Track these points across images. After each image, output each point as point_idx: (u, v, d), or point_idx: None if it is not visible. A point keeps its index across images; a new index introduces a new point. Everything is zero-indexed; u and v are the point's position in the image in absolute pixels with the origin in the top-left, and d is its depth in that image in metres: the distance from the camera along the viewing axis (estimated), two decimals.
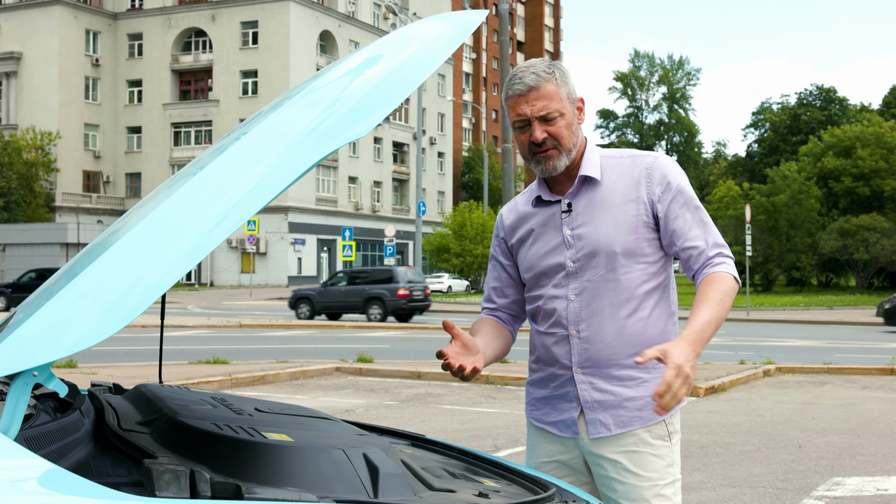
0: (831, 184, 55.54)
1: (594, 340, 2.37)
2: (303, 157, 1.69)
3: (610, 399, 2.38)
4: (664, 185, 2.38)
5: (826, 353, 17.54)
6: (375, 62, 1.94)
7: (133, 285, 1.54)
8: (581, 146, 2.44)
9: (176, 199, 1.72)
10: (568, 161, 2.39)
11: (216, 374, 12.05)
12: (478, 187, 77.83)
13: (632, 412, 2.37)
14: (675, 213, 2.36)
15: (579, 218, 2.40)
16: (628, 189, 2.39)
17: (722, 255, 2.34)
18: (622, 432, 2.38)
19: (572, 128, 2.38)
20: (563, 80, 2.38)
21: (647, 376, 2.38)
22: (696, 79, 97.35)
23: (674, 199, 2.37)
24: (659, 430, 2.39)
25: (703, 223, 2.37)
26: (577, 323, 2.39)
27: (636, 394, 2.37)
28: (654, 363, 2.36)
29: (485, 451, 2.59)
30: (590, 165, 2.42)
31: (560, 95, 2.36)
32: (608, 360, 2.37)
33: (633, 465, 2.37)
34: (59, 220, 56.96)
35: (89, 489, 1.41)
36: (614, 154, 2.46)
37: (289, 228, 58.93)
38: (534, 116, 2.35)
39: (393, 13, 58.70)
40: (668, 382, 2.02)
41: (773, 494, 6.24)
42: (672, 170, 2.41)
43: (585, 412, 2.40)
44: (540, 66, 2.38)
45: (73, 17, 61.71)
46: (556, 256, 2.42)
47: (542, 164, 2.39)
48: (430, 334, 23.18)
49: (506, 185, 24.17)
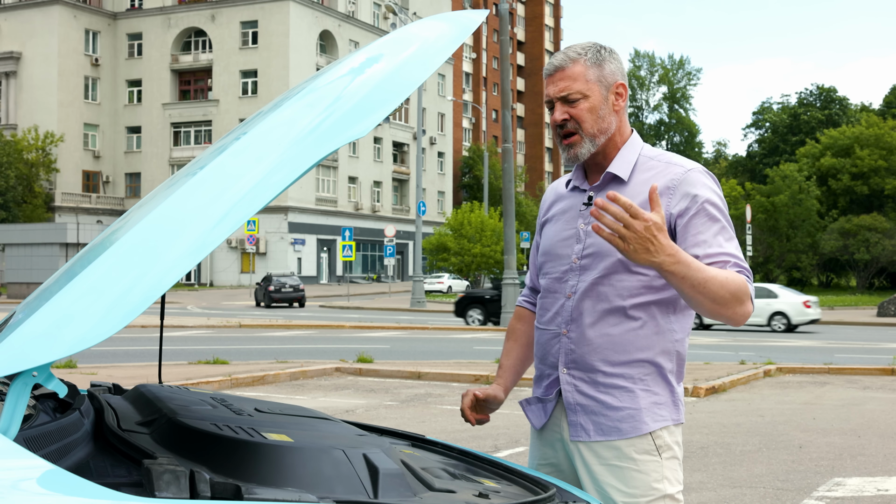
0: (830, 182, 55.58)
1: (581, 343, 2.32)
2: (304, 156, 1.68)
3: (592, 405, 2.31)
4: (689, 199, 2.25)
5: (826, 353, 17.54)
6: (376, 61, 1.94)
7: (133, 285, 1.54)
8: (621, 137, 2.35)
9: (177, 198, 1.72)
10: (593, 148, 2.32)
11: (216, 375, 12.05)
12: (478, 187, 77.82)
13: (612, 421, 2.29)
14: (696, 228, 2.23)
15: None
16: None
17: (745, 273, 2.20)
18: (602, 440, 2.30)
19: (598, 112, 2.30)
20: (595, 62, 2.30)
21: (632, 387, 2.30)
22: (697, 79, 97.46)
23: (697, 213, 2.24)
24: (644, 445, 2.29)
25: (726, 241, 2.23)
26: (568, 322, 2.35)
27: (618, 404, 2.29)
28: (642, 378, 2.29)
29: (485, 452, 2.59)
30: (621, 163, 2.33)
31: (587, 77, 2.29)
32: (593, 366, 2.31)
33: (614, 480, 2.30)
34: (58, 220, 56.94)
35: (89, 489, 1.41)
36: (655, 155, 2.36)
37: (289, 228, 58.93)
38: (555, 97, 2.31)
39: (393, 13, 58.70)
40: (620, 215, 2.00)
41: (774, 495, 6.23)
42: (702, 184, 2.27)
43: (568, 414, 2.35)
44: (577, 47, 2.33)
45: (72, 16, 61.71)
46: (566, 248, 2.38)
47: (566, 151, 2.34)
48: (430, 334, 23.18)
49: (506, 185, 24.15)
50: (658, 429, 2.29)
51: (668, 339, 2.33)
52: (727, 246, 2.22)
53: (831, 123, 64.55)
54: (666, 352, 2.33)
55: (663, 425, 2.30)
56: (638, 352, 2.29)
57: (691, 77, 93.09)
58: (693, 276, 2.07)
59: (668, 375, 2.33)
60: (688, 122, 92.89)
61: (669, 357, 2.33)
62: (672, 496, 2.31)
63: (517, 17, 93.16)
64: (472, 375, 12.58)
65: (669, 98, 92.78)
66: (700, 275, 2.07)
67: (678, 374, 2.36)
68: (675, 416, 2.33)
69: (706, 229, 2.22)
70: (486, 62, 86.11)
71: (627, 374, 2.29)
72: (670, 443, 2.32)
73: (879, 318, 30.60)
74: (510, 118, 25.99)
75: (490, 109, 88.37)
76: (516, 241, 32.76)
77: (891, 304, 30.87)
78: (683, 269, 2.05)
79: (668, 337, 2.33)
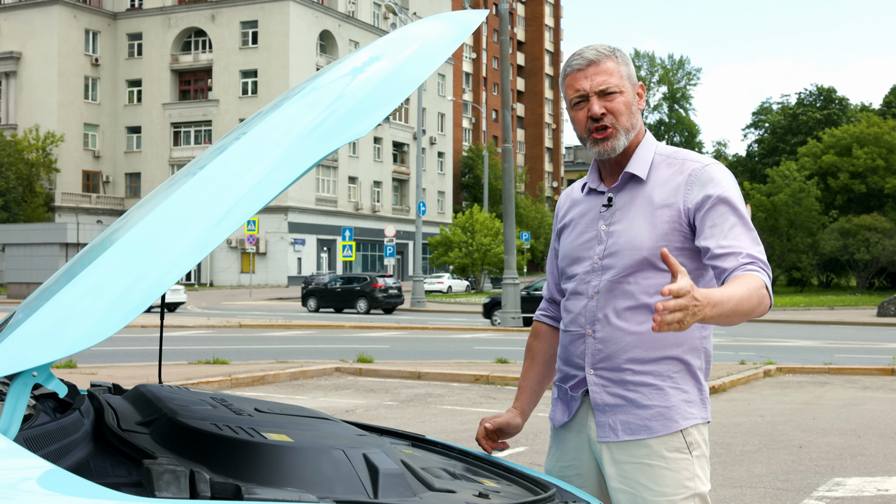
0: (829, 181, 55.60)
1: (609, 342, 2.30)
2: (308, 153, 1.69)
3: (620, 404, 2.29)
4: (705, 192, 2.24)
5: (826, 353, 17.54)
6: (377, 60, 1.94)
7: (134, 284, 1.54)
8: (639, 135, 2.37)
9: (178, 197, 1.71)
10: (626, 141, 2.32)
11: (216, 375, 12.04)
12: (478, 187, 77.82)
13: (641, 420, 2.27)
14: (712, 220, 2.22)
15: (617, 214, 2.34)
16: (669, 193, 2.29)
17: (757, 264, 2.15)
18: (630, 440, 2.28)
19: (631, 108, 2.32)
20: (623, 61, 2.34)
21: (662, 384, 2.28)
22: (697, 79, 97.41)
23: (713, 206, 2.23)
24: (675, 443, 2.27)
25: (744, 233, 2.20)
26: (593, 322, 2.33)
27: (648, 402, 2.27)
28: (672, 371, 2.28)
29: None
30: (639, 162, 2.34)
31: (620, 73, 2.31)
32: (621, 365, 2.29)
33: (644, 479, 2.27)
34: (58, 220, 56.94)
35: (89, 489, 1.40)
36: (670, 153, 2.36)
37: (289, 228, 58.92)
38: (592, 91, 2.29)
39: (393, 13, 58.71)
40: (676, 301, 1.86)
41: (774, 495, 6.23)
42: (720, 178, 2.27)
43: (595, 414, 2.33)
44: (601, 45, 2.35)
45: (72, 16, 61.71)
46: (587, 250, 2.37)
47: (598, 144, 2.31)
48: (430, 334, 23.17)
49: (506, 185, 24.14)
50: (688, 426, 2.28)
51: (695, 335, 2.32)
52: (741, 238, 2.19)
53: (831, 123, 64.55)
54: (694, 349, 2.32)
55: (693, 423, 2.29)
56: (667, 349, 2.28)
57: (691, 77, 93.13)
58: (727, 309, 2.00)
59: (696, 372, 2.32)
60: (688, 122, 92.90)
61: (698, 354, 2.33)
62: (703, 495, 2.28)
63: (517, 17, 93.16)
64: (472, 375, 12.58)
65: (669, 98, 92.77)
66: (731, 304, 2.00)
67: (706, 371, 2.36)
68: (703, 413, 2.32)
69: (722, 221, 2.21)
70: (486, 62, 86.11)
71: (657, 372, 2.28)
72: (700, 441, 2.30)
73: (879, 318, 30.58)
74: (510, 118, 25.99)
75: (490, 109, 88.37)
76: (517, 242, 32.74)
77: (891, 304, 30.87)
78: (719, 309, 1.98)
79: (695, 334, 2.32)
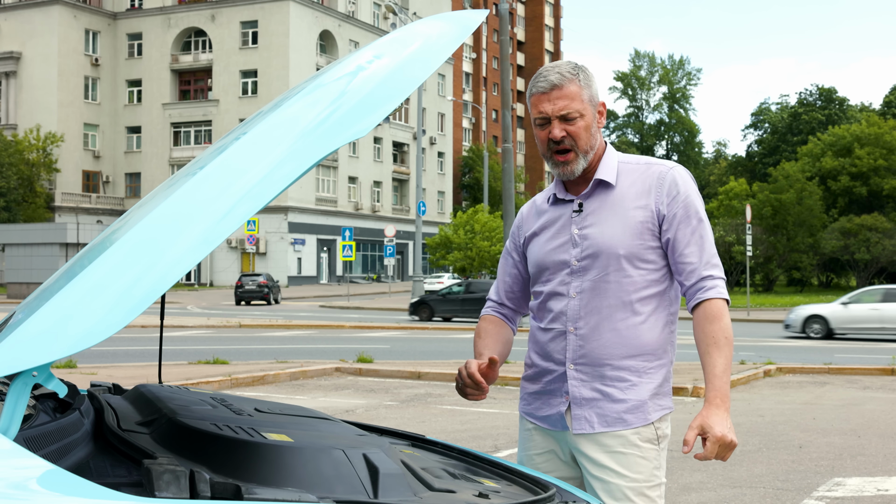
0: (830, 183, 55.58)
1: (590, 338, 2.41)
2: (312, 149, 1.69)
3: (598, 398, 2.41)
4: (672, 195, 2.41)
5: (826, 353, 17.54)
6: (379, 59, 1.95)
7: (134, 283, 1.53)
8: (599, 149, 2.48)
9: (180, 195, 1.71)
10: (585, 164, 2.44)
11: (216, 375, 12.05)
12: (478, 187, 77.80)
13: (616, 413, 2.39)
14: (675, 225, 2.40)
15: (588, 219, 2.45)
16: (639, 195, 2.43)
17: (713, 278, 2.37)
18: (605, 431, 2.40)
19: (591, 130, 2.43)
20: (586, 83, 2.43)
21: (637, 380, 2.41)
22: (697, 79, 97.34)
23: (678, 211, 2.40)
24: (647, 433, 2.40)
25: (701, 239, 2.40)
26: (575, 320, 2.43)
27: (624, 396, 2.40)
28: (647, 366, 2.41)
29: (485, 452, 2.60)
30: (606, 169, 2.46)
31: (582, 97, 2.41)
32: (601, 360, 2.41)
33: (619, 466, 2.38)
34: (58, 220, 56.91)
35: (89, 489, 1.40)
36: (632, 160, 2.50)
37: (288, 228, 58.92)
38: (554, 115, 2.40)
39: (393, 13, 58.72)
40: (714, 455, 2.21)
41: (774, 495, 6.23)
42: (683, 181, 2.44)
43: (572, 407, 2.43)
44: (565, 66, 2.44)
45: (72, 16, 61.70)
46: (562, 254, 2.47)
47: (559, 167, 2.45)
48: (430, 334, 23.18)
49: (506, 185, 24.16)
50: (658, 419, 2.42)
51: (668, 329, 2.47)
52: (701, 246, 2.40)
53: (831, 124, 64.53)
54: (669, 342, 2.47)
55: (662, 414, 2.44)
56: (645, 344, 2.41)
57: (691, 77, 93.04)
58: (729, 378, 2.32)
59: (668, 366, 2.47)
60: (688, 122, 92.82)
61: (671, 347, 2.48)
62: (663, 483, 2.44)
63: (517, 17, 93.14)
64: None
65: (669, 98, 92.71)
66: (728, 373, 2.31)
67: (672, 362, 2.50)
68: (669, 404, 2.47)
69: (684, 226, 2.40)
70: (486, 62, 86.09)
71: (633, 367, 2.41)
72: (667, 433, 2.46)
73: None
74: (510, 118, 25.98)
75: (490, 109, 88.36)
76: None
77: None
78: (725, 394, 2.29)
79: (668, 328, 2.47)
